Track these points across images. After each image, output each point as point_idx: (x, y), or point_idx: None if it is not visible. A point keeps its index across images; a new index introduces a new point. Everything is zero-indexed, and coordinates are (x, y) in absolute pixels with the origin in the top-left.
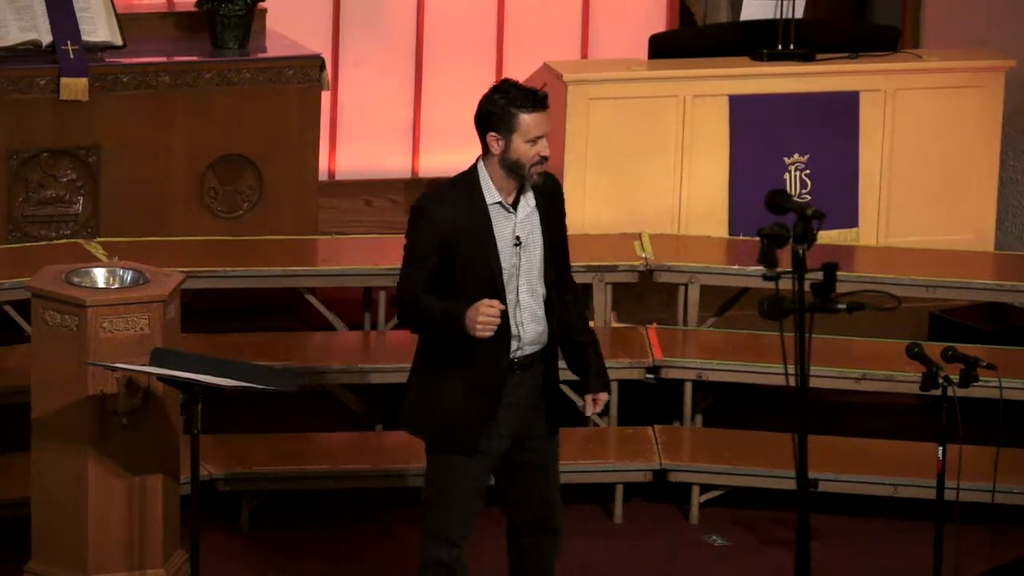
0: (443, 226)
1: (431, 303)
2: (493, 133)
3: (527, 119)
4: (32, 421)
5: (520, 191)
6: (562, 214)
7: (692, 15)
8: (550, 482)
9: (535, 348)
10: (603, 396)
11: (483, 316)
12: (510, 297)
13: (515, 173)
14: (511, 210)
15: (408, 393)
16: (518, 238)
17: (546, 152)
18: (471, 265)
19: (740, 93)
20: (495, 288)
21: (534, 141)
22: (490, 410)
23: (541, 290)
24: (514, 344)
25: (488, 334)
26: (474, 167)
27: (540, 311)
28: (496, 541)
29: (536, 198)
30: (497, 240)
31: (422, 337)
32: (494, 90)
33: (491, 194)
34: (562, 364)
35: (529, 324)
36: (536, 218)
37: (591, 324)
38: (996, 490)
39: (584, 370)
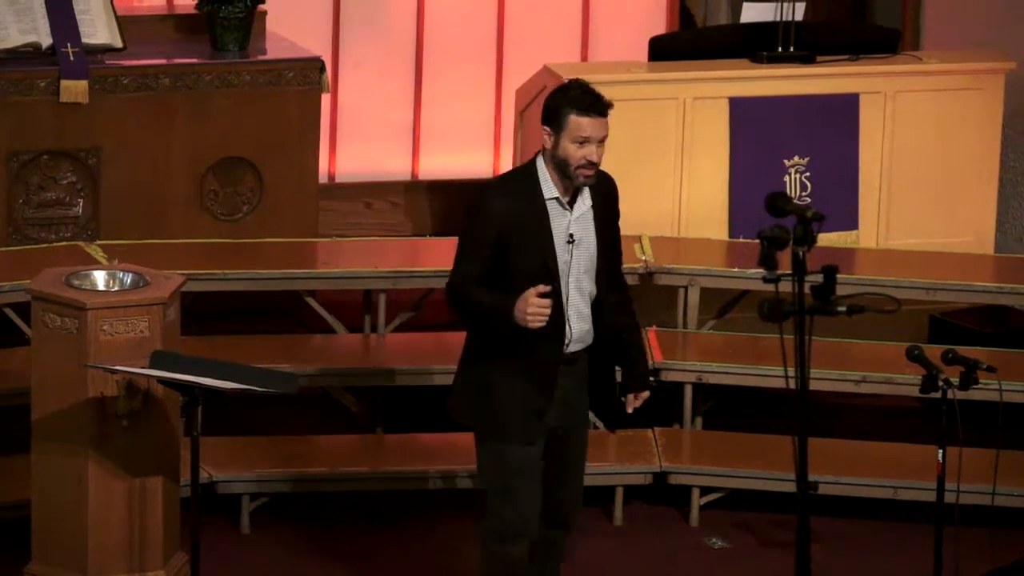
0: (500, 220)
1: (480, 295)
2: (547, 128)
3: (578, 120)
4: (32, 423)
5: (577, 190)
6: (616, 214)
7: (692, 17)
8: (576, 478)
9: (580, 346)
10: (644, 394)
11: (532, 307)
12: (562, 292)
13: (562, 172)
14: (567, 207)
15: (457, 384)
16: (571, 235)
17: (593, 157)
18: (525, 259)
19: (740, 95)
20: (549, 282)
21: (582, 143)
22: (545, 402)
23: (589, 289)
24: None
25: (539, 324)
26: (533, 160)
27: (586, 309)
28: None
29: (592, 197)
30: (553, 236)
31: (473, 329)
32: (560, 86)
33: (549, 189)
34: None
35: (575, 322)
36: (591, 217)
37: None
38: (996, 492)
39: (626, 369)
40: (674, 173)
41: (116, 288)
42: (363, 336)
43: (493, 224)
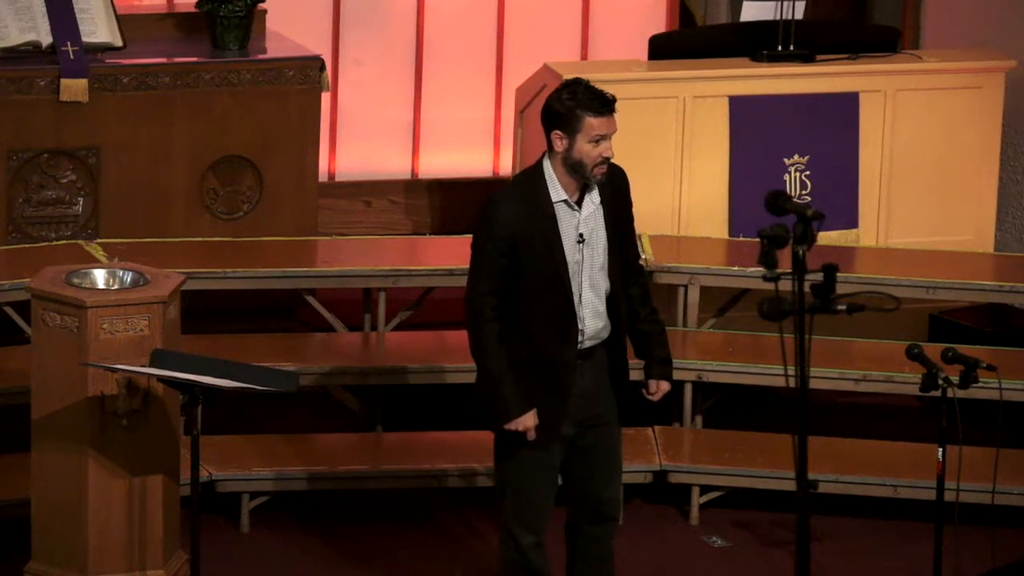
0: (510, 226)
1: (496, 363)
2: (558, 131)
3: (592, 122)
4: (32, 422)
5: (585, 188)
6: (628, 205)
7: (692, 16)
8: (609, 469)
9: (595, 342)
10: (664, 385)
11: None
12: (572, 293)
13: (577, 172)
14: (576, 208)
15: (478, 387)
16: (581, 235)
17: (609, 153)
18: (536, 262)
19: (740, 94)
20: (559, 284)
21: (597, 142)
22: (560, 406)
23: (604, 285)
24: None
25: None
26: (540, 164)
27: (601, 306)
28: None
29: (601, 194)
30: (562, 237)
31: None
32: (563, 87)
33: (556, 192)
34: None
35: (590, 320)
36: (600, 214)
37: None
38: (996, 491)
39: (647, 359)
40: (674, 172)
41: (116, 287)
42: (363, 335)
43: (504, 232)
